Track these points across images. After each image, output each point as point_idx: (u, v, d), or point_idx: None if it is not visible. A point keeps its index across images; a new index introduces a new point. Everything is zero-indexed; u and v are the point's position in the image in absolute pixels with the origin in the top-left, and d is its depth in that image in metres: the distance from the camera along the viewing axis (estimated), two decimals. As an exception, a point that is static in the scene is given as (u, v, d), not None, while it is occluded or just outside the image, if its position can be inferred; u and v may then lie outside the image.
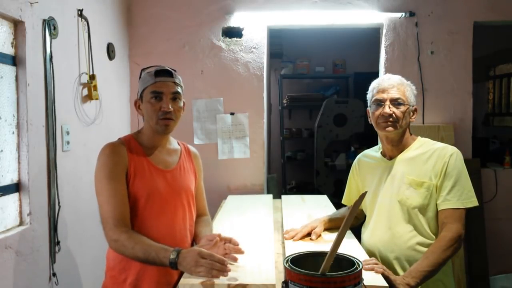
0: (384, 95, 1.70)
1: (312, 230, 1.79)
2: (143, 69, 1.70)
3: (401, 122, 1.69)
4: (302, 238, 1.77)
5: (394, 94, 1.69)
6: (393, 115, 1.68)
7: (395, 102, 1.69)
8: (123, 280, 1.58)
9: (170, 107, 1.61)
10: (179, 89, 1.66)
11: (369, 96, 1.79)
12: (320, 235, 1.80)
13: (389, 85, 1.71)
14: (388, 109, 1.68)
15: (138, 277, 1.57)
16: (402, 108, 1.69)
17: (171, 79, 1.64)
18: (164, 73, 1.64)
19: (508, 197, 3.29)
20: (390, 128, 1.69)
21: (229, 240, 1.57)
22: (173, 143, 1.79)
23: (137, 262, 1.54)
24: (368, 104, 1.79)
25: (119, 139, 1.68)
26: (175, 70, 1.69)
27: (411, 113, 1.74)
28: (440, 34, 3.18)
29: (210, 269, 1.33)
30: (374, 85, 1.77)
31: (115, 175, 1.56)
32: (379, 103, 1.71)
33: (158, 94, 1.61)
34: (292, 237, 1.77)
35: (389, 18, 3.19)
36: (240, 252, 1.54)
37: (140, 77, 1.68)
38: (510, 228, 3.30)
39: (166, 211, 1.63)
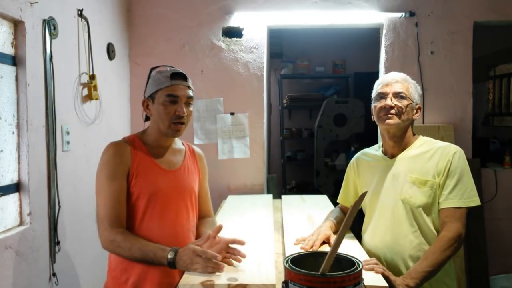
0: (387, 89, 1.70)
1: (325, 238, 1.71)
2: (153, 68, 1.67)
3: (403, 115, 1.68)
4: (320, 247, 1.69)
5: (397, 88, 1.69)
6: (395, 107, 1.67)
7: (398, 96, 1.68)
8: (125, 280, 1.58)
9: (185, 111, 1.61)
10: (192, 94, 1.66)
11: (373, 93, 1.78)
12: None
13: (393, 79, 1.72)
14: (390, 101, 1.67)
15: (140, 278, 1.56)
16: (405, 102, 1.68)
17: (186, 83, 1.63)
18: (179, 76, 1.62)
19: (508, 197, 3.29)
20: (390, 121, 1.67)
21: (232, 241, 1.51)
22: (178, 143, 1.79)
23: (139, 263, 1.53)
24: (372, 101, 1.77)
25: (123, 138, 1.67)
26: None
27: (414, 110, 1.73)
28: (440, 34, 3.18)
29: (205, 266, 1.37)
30: (378, 81, 1.77)
31: (116, 176, 1.55)
32: (382, 96, 1.71)
33: (175, 98, 1.60)
34: (311, 247, 1.65)
35: (389, 18, 3.19)
36: (241, 255, 1.49)
37: (149, 76, 1.65)
38: (510, 228, 3.30)
39: (169, 211, 1.62)
